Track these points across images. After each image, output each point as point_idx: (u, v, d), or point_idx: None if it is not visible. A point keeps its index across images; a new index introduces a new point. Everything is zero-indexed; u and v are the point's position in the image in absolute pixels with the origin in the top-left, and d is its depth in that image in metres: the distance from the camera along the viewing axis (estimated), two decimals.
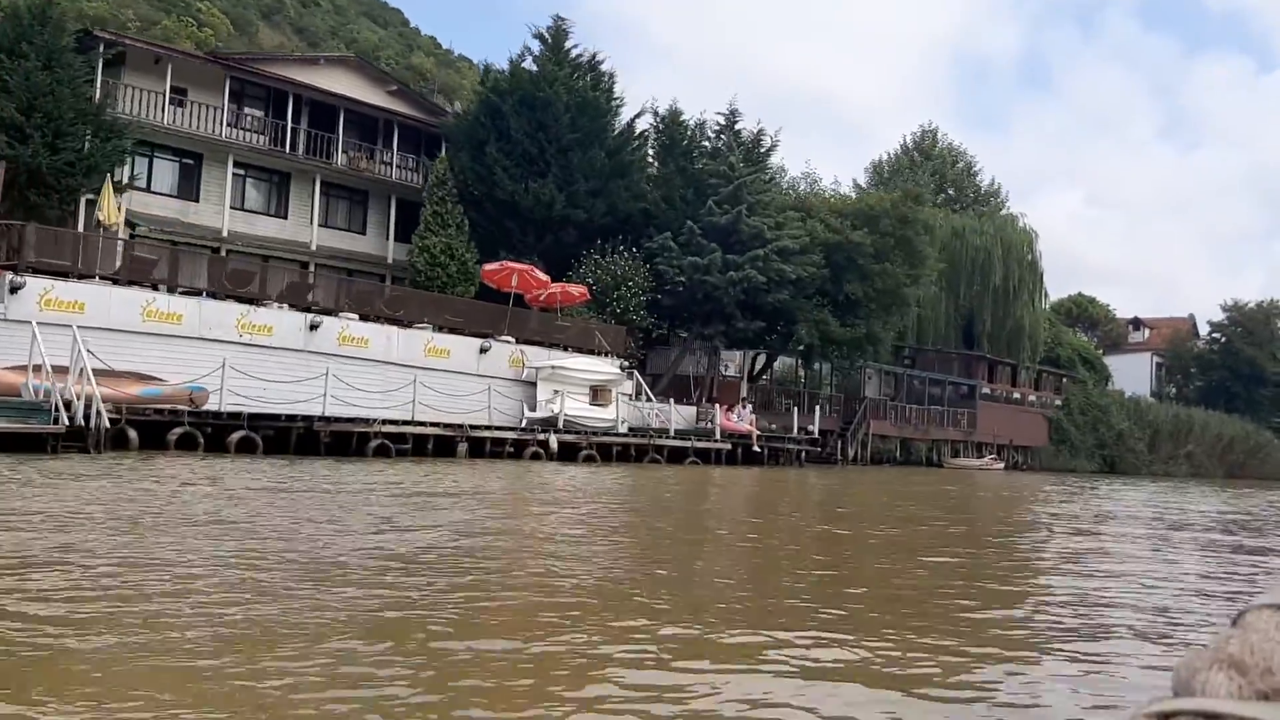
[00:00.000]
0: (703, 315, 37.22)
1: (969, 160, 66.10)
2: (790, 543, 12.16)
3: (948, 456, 51.59)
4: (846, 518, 16.76)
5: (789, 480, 27.73)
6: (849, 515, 17.29)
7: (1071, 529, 15.83)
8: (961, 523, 16.80)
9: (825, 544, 12.06)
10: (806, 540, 12.48)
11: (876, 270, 39.17)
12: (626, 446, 29.83)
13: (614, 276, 36.26)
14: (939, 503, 21.50)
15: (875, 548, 11.91)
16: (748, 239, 36.52)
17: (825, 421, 44.46)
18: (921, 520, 16.06)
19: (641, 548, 10.53)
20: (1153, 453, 64.75)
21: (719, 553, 10.63)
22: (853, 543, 12.43)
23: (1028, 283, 56.15)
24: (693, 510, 16.29)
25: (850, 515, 17.30)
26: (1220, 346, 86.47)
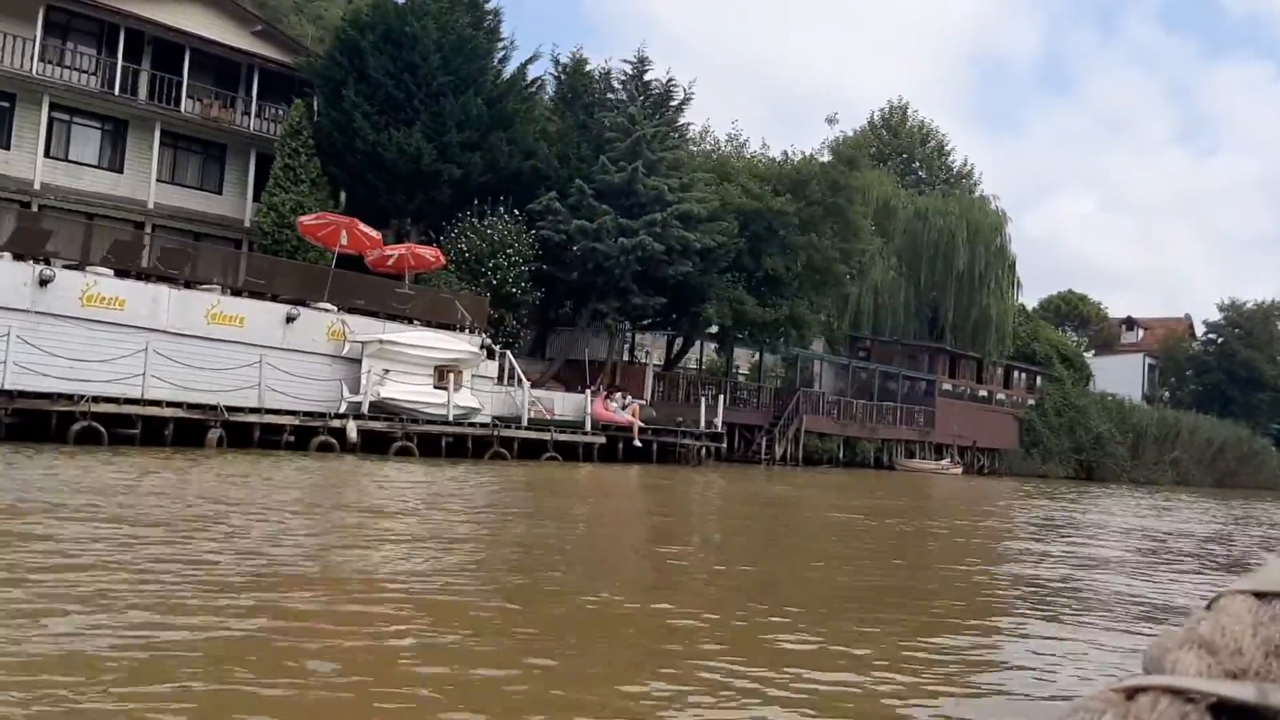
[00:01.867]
0: (595, 289, 31.87)
1: (941, 139, 60.56)
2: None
3: (901, 457, 46.10)
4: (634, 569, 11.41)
5: (660, 485, 22.38)
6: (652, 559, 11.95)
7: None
8: (821, 560, 11.45)
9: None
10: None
11: (801, 243, 33.73)
12: (461, 438, 24.49)
13: (490, 242, 30.95)
14: (821, 525, 16.14)
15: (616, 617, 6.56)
16: (647, 202, 31.17)
17: (754, 416, 39.12)
18: (754, 556, 10.73)
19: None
20: (1135, 458, 59.08)
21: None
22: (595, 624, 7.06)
23: (995, 269, 50.52)
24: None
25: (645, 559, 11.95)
26: (1216, 348, 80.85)
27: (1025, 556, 11.80)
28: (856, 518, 16.81)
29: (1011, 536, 14.88)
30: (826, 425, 41.79)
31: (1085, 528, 17.37)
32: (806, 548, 11.94)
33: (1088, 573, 10.66)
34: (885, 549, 12.20)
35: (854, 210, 35.26)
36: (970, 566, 10.86)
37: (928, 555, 12.06)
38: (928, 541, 13.83)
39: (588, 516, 13.60)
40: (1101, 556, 12.54)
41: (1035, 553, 12.32)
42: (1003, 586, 9.36)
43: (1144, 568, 11.63)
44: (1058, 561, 11.37)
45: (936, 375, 48.93)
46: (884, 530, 14.69)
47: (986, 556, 12.01)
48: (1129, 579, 10.25)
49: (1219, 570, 11.81)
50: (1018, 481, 44.51)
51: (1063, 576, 9.72)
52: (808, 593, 8.10)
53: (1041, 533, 15.32)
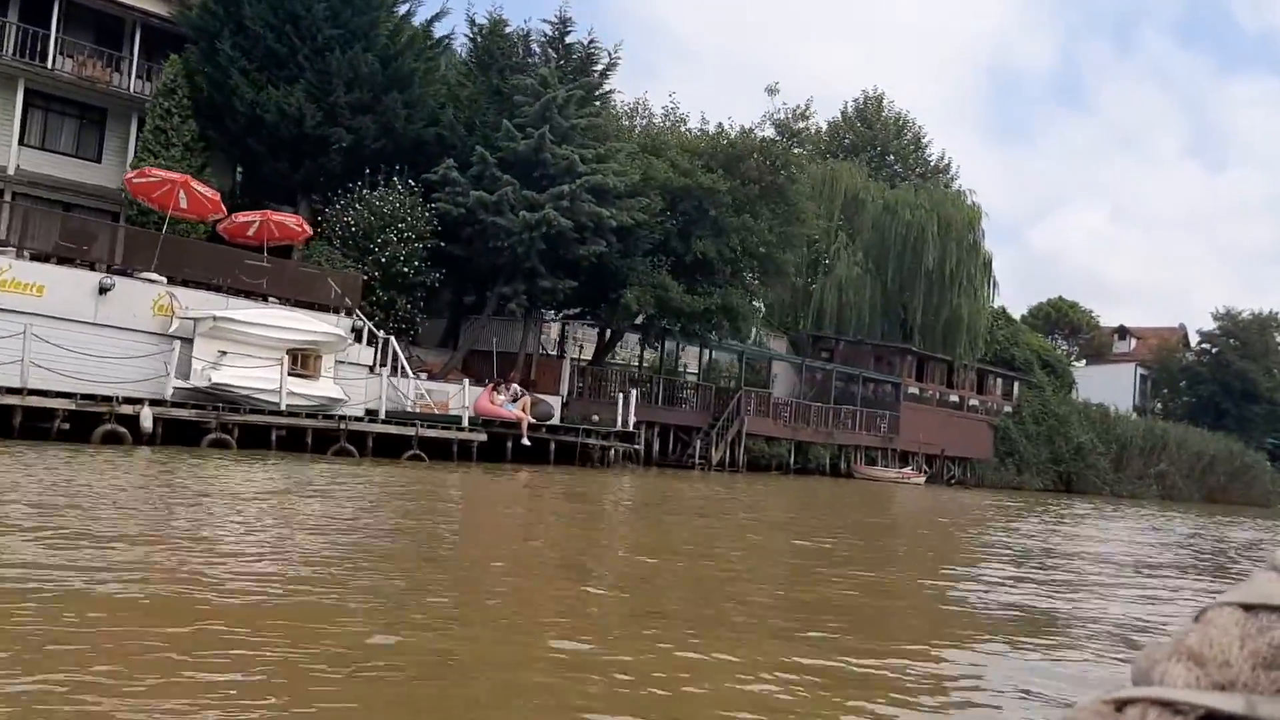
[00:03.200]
0: (500, 271, 28.23)
1: (917, 130, 56.77)
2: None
3: (862, 464, 42.32)
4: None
5: (508, 492, 18.71)
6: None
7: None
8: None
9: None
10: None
11: (735, 225, 30.03)
12: (297, 431, 20.81)
13: (379, 216, 27.34)
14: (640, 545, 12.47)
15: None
16: (557, 174, 27.52)
17: (693, 417, 35.42)
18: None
19: None
20: (1119, 471, 55.24)
21: None
22: None
23: (968, 266, 46.73)
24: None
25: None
26: (1211, 359, 76.93)
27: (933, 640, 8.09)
28: (750, 532, 13.15)
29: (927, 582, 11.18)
30: (774, 428, 38.04)
31: (1066, 560, 13.67)
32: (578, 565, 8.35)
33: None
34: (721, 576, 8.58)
35: (796, 190, 31.53)
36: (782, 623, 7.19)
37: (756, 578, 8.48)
38: (775, 564, 10.19)
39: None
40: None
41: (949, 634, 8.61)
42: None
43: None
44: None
45: (902, 378, 45.14)
46: (761, 548, 11.09)
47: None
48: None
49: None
50: (986, 493, 40.71)
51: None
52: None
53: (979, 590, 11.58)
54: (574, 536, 11.54)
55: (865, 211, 47.61)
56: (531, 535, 11.55)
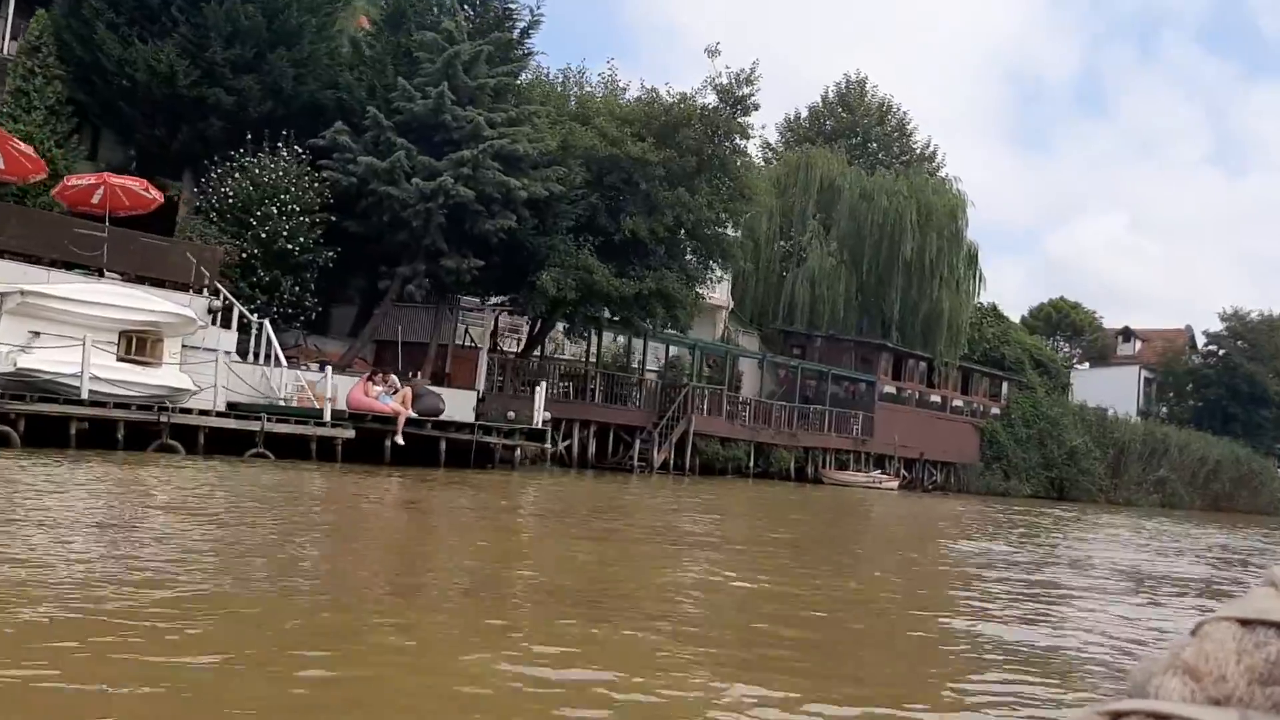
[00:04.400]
0: (400, 248, 24.95)
1: (902, 116, 53.20)
2: None
3: (832, 469, 38.84)
4: None
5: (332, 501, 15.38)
6: None
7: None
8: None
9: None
10: None
11: (669, 200, 26.65)
12: (105, 425, 17.52)
13: (260, 186, 24.10)
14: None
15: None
16: (462, 139, 24.22)
17: (635, 416, 32.07)
18: None
19: None
20: (1116, 477, 51.52)
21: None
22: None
23: (950, 258, 43.16)
24: None
25: None
26: (1218, 361, 72.95)
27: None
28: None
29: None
30: (729, 429, 34.59)
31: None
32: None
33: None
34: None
35: (743, 164, 28.11)
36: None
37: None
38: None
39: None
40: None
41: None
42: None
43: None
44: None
45: (877, 376, 41.61)
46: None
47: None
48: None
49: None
50: (966, 500, 37.19)
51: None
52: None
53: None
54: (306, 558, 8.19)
55: (842, 199, 44.16)
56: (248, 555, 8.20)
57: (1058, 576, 11.64)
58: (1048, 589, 10.23)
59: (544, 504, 16.71)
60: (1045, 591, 10.00)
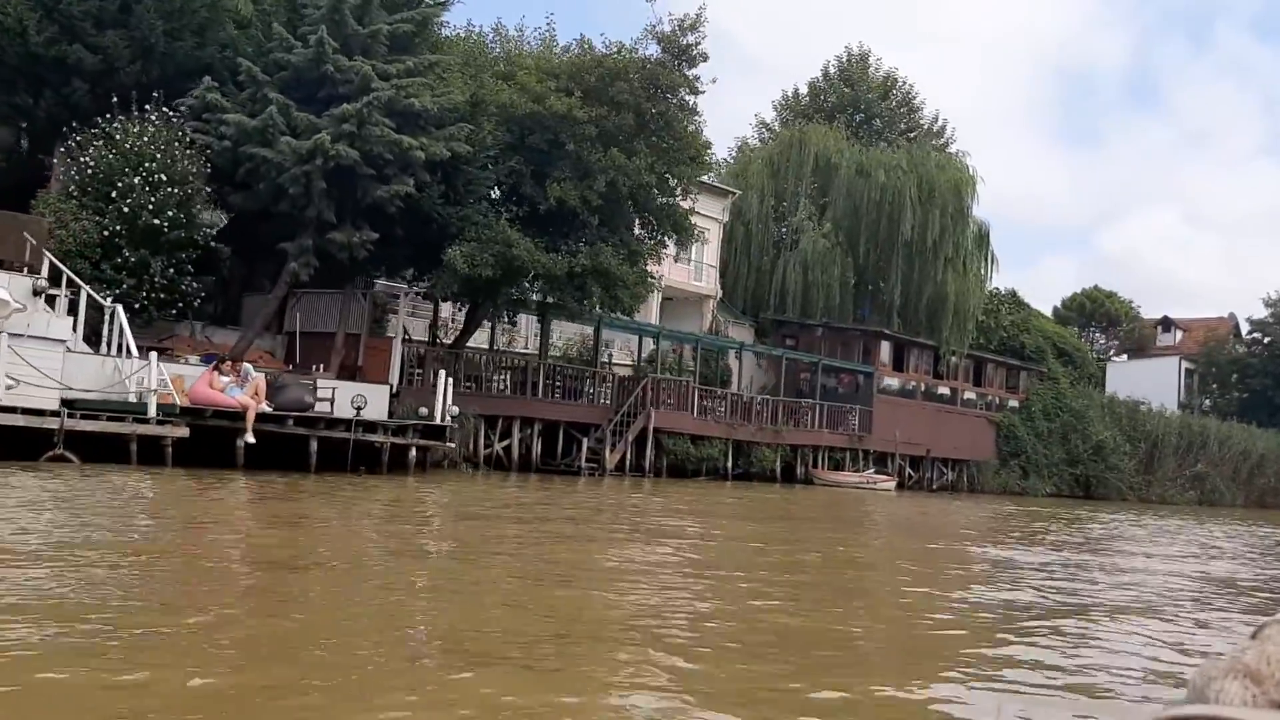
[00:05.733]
0: (284, 221, 21.52)
1: (908, 90, 48.97)
2: None
3: (824, 469, 34.85)
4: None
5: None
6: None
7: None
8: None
9: None
10: None
11: (602, 164, 22.93)
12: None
13: (124, 154, 20.80)
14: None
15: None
16: (351, 94, 20.75)
17: (589, 413, 28.42)
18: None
19: None
20: (1148, 472, 46.89)
21: None
22: None
23: (955, 237, 39.01)
24: None
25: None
26: (1263, 349, 67.60)
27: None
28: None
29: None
30: (698, 425, 30.77)
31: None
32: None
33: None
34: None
35: (685, 122, 24.31)
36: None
37: None
38: None
39: None
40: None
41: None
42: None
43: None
44: None
45: (875, 367, 37.52)
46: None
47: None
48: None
49: None
50: (977, 502, 33.08)
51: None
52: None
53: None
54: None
55: (838, 177, 40.22)
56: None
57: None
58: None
59: (368, 530, 13.10)
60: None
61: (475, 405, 25.24)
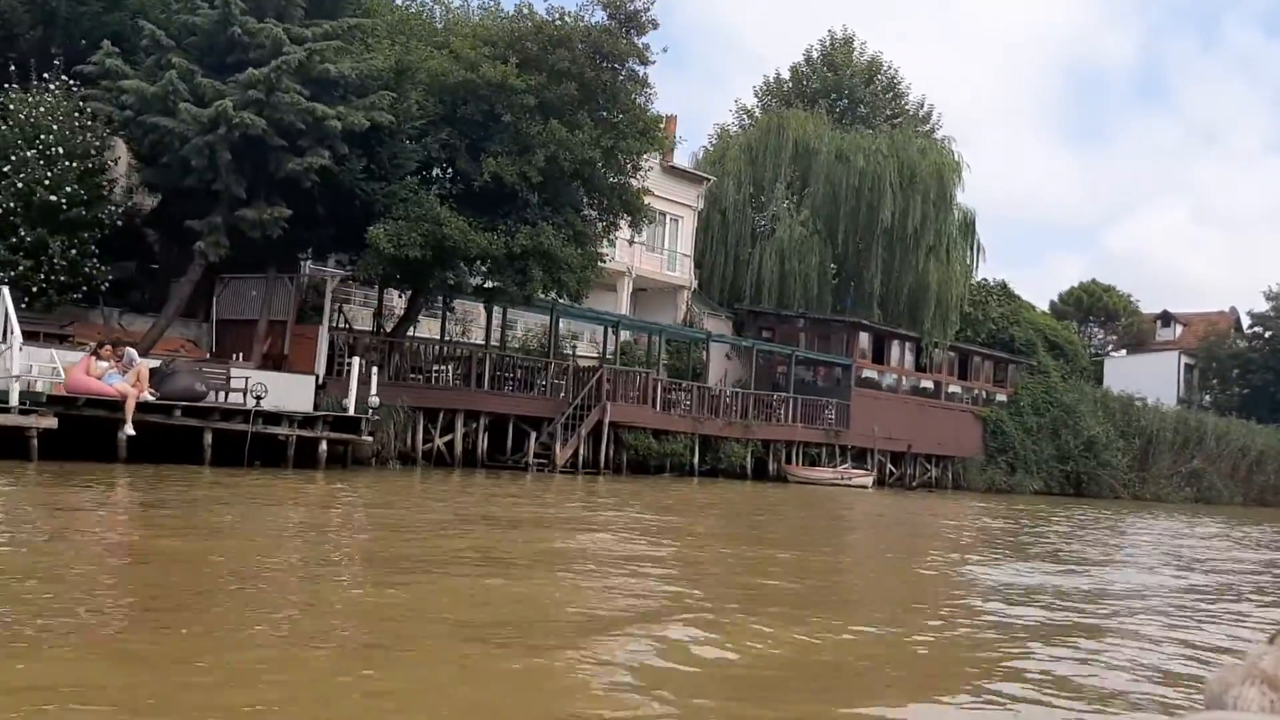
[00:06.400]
0: (190, 196, 19.86)
1: (892, 74, 47.14)
2: None
3: (799, 465, 33.08)
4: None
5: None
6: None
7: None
8: None
9: None
10: None
11: (542, 137, 21.21)
12: None
13: (20, 127, 19.16)
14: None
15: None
16: (261, 60, 19.07)
17: (542, 406, 26.71)
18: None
19: None
20: (1142, 469, 45.04)
21: None
22: None
23: (937, 224, 37.20)
24: None
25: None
26: (1264, 344, 65.62)
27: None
28: None
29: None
30: (662, 420, 29.02)
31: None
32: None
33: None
34: None
35: (633, 94, 22.56)
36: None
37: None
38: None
39: None
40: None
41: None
42: None
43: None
44: None
45: (853, 359, 35.73)
46: None
47: None
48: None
49: None
50: (960, 500, 31.37)
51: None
52: None
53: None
54: None
55: (817, 163, 38.45)
56: None
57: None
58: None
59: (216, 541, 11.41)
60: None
61: (414, 397, 23.56)
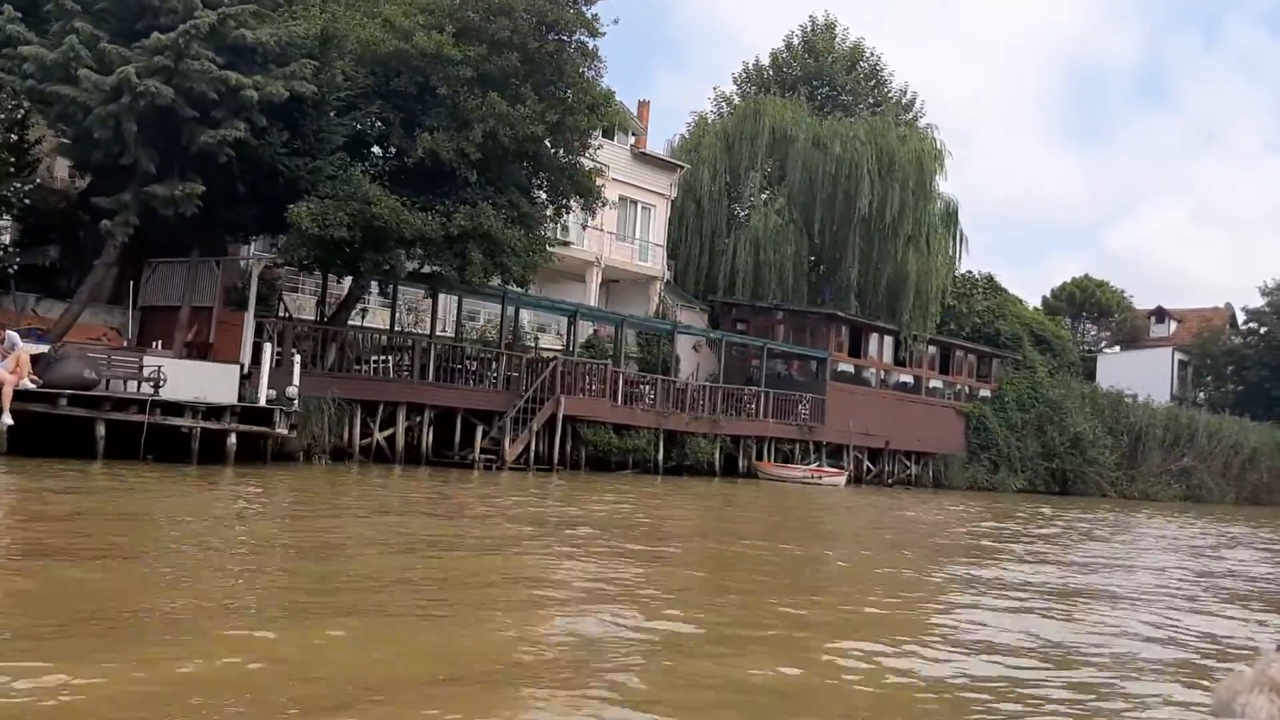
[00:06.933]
0: (115, 174, 18.53)
1: (875, 60, 45.72)
2: None
3: (771, 462, 31.74)
4: None
5: None
6: None
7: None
8: None
9: None
10: None
11: (480, 112, 19.85)
12: None
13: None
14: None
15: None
16: (175, 25, 17.72)
17: (493, 399, 25.36)
18: None
19: None
20: (1131, 467, 43.64)
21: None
22: None
23: (917, 213, 35.82)
24: None
25: None
26: (1259, 339, 64.17)
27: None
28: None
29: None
30: (624, 414, 27.66)
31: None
32: None
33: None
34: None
35: (578, 66, 21.21)
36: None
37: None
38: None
39: None
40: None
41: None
42: None
43: None
44: None
45: (829, 352, 34.35)
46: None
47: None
48: None
49: None
50: (939, 500, 30.04)
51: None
52: None
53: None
54: None
55: (794, 150, 37.08)
56: None
57: None
58: None
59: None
60: None
61: (351, 389, 22.22)
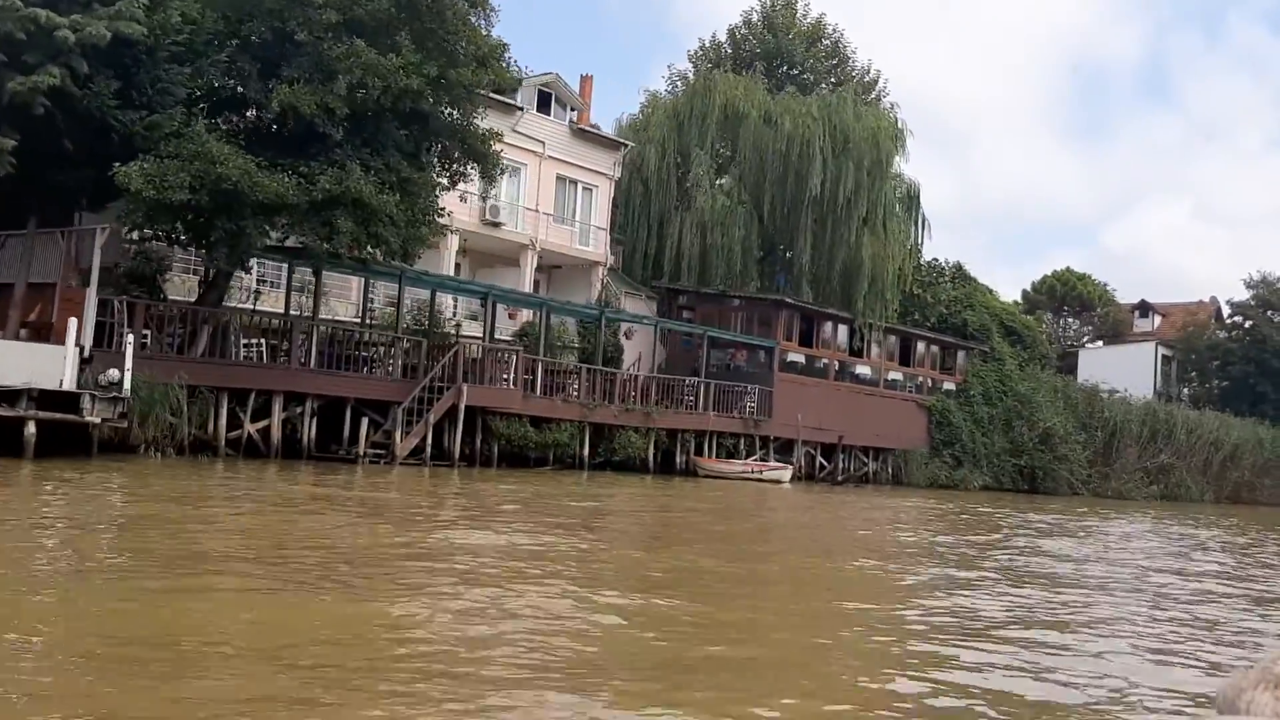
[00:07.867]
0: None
1: (837, 37, 43.33)
2: None
3: (711, 457, 29.42)
4: None
5: None
6: None
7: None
8: None
9: None
10: None
11: (345, 63, 17.51)
12: None
13: None
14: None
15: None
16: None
17: (390, 389, 23.00)
18: None
19: None
20: (1105, 464, 41.35)
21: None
22: None
23: (873, 194, 33.49)
24: None
25: None
26: (1244, 334, 61.85)
27: None
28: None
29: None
30: (541, 406, 25.31)
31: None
32: None
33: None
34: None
35: (463, 13, 18.86)
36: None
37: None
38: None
39: None
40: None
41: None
42: None
43: None
44: None
45: (776, 341, 32.00)
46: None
47: None
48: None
49: None
50: (882, 498, 27.77)
51: None
52: None
53: None
54: None
55: (745, 128, 34.75)
56: None
57: None
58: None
59: None
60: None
61: (219, 376, 19.89)
